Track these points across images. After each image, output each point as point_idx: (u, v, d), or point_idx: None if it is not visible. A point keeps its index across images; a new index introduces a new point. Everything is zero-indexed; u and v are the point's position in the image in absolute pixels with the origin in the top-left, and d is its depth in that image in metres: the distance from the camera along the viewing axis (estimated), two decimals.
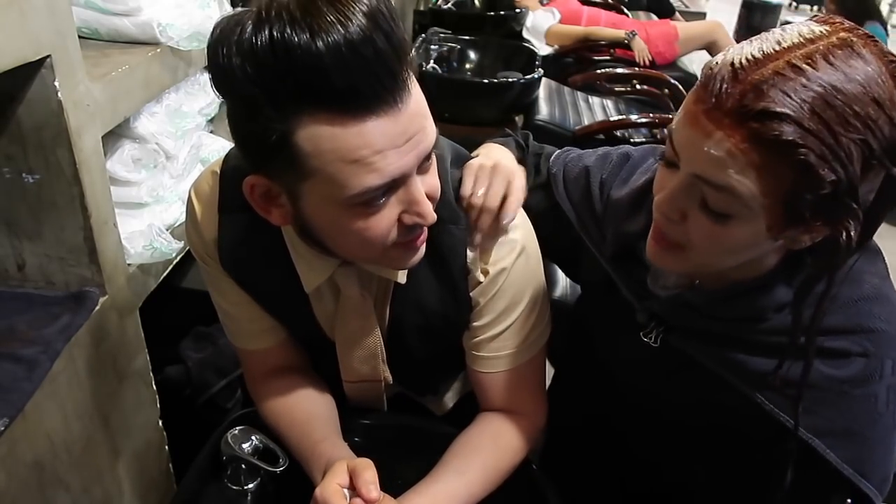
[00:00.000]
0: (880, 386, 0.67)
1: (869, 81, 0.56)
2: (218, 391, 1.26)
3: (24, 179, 0.80)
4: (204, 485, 0.87)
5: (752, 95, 0.56)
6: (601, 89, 2.94)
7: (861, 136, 0.55)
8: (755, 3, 5.44)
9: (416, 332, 0.85)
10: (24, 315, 0.83)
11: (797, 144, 0.55)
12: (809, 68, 0.55)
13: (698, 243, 0.64)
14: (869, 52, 0.57)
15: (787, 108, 0.54)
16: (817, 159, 0.55)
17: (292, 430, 0.86)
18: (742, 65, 0.57)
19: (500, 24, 3.18)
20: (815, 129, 0.55)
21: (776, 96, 0.55)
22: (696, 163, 0.60)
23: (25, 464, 0.77)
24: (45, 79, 0.74)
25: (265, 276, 0.81)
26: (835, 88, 0.55)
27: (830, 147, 0.55)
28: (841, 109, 0.55)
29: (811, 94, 0.55)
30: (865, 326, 0.67)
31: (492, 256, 0.79)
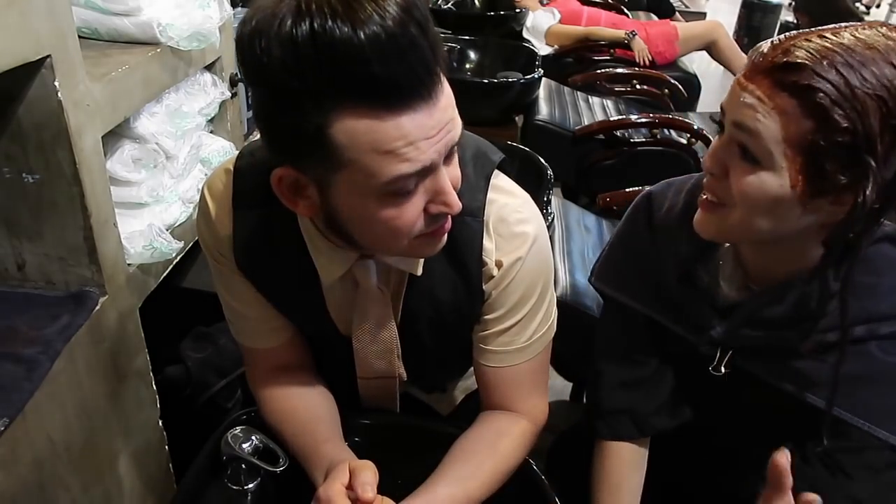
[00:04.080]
0: None
1: (889, 52, 0.61)
2: (218, 391, 1.26)
3: (24, 179, 0.80)
4: (204, 485, 0.87)
5: (781, 53, 0.64)
6: (601, 89, 2.94)
7: (877, 93, 0.60)
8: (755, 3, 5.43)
9: (428, 326, 0.85)
10: (24, 315, 0.83)
11: (813, 88, 0.61)
12: (834, 37, 0.63)
13: (737, 194, 0.68)
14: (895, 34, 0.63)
15: (807, 60, 0.62)
16: (832, 104, 0.61)
17: (295, 430, 0.86)
18: (781, 39, 0.66)
19: (500, 24, 3.18)
20: (833, 78, 0.61)
21: (799, 53, 0.63)
22: (734, 113, 0.67)
23: (25, 464, 0.77)
24: (45, 79, 0.74)
25: (279, 272, 0.81)
26: (855, 52, 0.61)
27: (845, 95, 0.60)
28: (858, 67, 0.61)
29: (833, 54, 0.62)
30: None
31: (506, 249, 0.80)
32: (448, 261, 0.79)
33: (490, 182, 0.80)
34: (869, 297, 0.71)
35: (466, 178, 0.78)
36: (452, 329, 0.86)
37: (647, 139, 2.37)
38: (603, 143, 2.37)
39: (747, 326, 0.78)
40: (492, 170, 0.81)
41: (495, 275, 0.80)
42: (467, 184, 0.78)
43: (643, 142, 2.37)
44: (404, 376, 0.92)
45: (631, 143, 2.36)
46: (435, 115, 0.60)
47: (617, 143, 2.36)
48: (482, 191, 0.79)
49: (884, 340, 0.71)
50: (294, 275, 0.81)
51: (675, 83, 2.90)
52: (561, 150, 2.31)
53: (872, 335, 0.71)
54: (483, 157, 0.81)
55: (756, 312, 0.76)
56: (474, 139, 0.84)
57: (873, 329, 0.71)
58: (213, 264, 0.86)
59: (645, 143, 2.37)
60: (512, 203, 0.81)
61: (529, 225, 0.81)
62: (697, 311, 0.81)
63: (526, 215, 0.81)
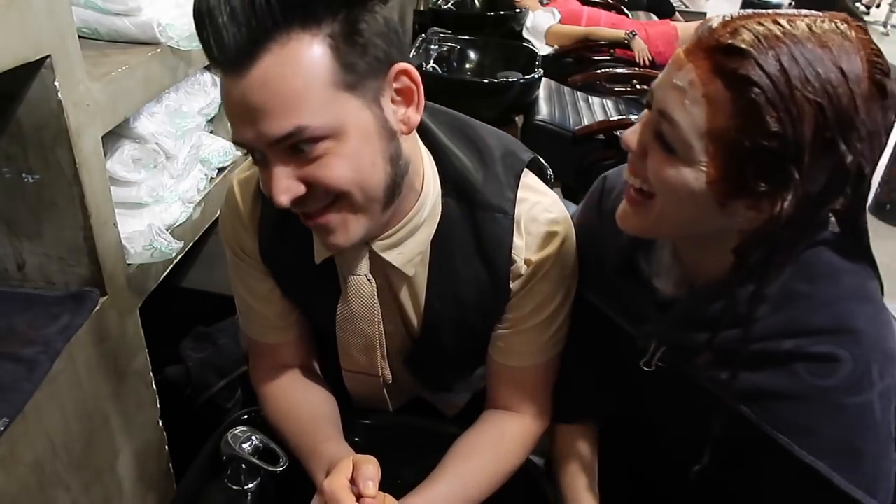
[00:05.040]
0: (872, 393, 0.64)
1: (841, 53, 0.56)
2: (218, 391, 1.26)
3: (24, 179, 0.80)
4: (204, 485, 0.87)
5: (728, 34, 0.58)
6: (601, 89, 2.93)
7: (817, 99, 0.56)
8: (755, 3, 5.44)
9: (450, 328, 0.84)
10: (24, 315, 0.83)
11: (751, 81, 0.56)
12: (789, 26, 0.57)
13: (654, 181, 0.64)
14: (854, 33, 0.58)
15: (752, 47, 0.56)
16: (766, 103, 0.56)
17: (295, 429, 0.86)
18: (734, 16, 0.60)
19: (500, 24, 3.18)
20: (773, 74, 0.56)
21: (747, 37, 0.57)
22: (662, 95, 0.62)
23: (25, 464, 0.77)
24: (45, 79, 0.74)
25: (299, 261, 0.82)
26: (805, 48, 0.56)
27: (783, 96, 0.56)
28: (803, 66, 0.56)
29: (781, 46, 0.56)
30: (849, 326, 0.64)
31: (537, 247, 0.80)
32: (475, 257, 0.79)
33: (521, 180, 0.80)
34: (801, 308, 0.65)
35: (495, 176, 0.78)
36: (474, 330, 0.86)
37: None
38: (603, 143, 2.37)
39: (679, 325, 0.73)
40: (522, 168, 0.81)
41: (523, 273, 0.80)
42: (496, 181, 0.78)
43: None
44: (389, 378, 0.91)
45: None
46: (240, 89, 0.59)
47: (617, 143, 2.35)
48: (512, 188, 0.79)
49: (812, 363, 0.65)
50: (313, 264, 0.81)
51: None
52: (561, 150, 2.31)
53: (801, 352, 0.65)
54: (512, 156, 0.81)
55: (689, 312, 0.72)
56: (503, 138, 0.84)
57: (802, 345, 0.65)
58: (234, 259, 0.87)
59: None
60: (543, 202, 0.81)
61: (560, 225, 0.81)
62: (636, 302, 0.78)
63: (556, 215, 0.81)
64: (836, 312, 0.65)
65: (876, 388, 0.64)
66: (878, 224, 3.56)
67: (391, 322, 0.86)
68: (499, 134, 0.84)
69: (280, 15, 0.56)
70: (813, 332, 0.65)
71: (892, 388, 0.64)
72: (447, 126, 0.81)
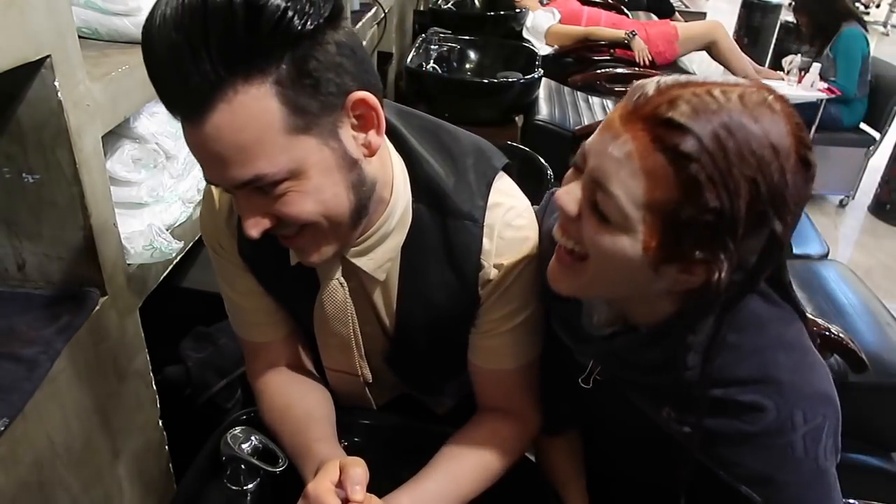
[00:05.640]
0: (795, 435, 0.66)
1: (772, 129, 0.58)
2: (218, 391, 1.26)
3: (24, 179, 0.80)
4: (204, 485, 0.87)
5: (666, 106, 0.58)
6: (601, 89, 2.94)
7: (752, 175, 0.57)
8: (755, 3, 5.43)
9: (423, 329, 0.85)
10: (24, 315, 0.83)
11: (692, 158, 0.57)
12: (723, 98, 0.58)
13: (589, 247, 0.65)
14: (780, 107, 0.59)
15: (693, 124, 0.57)
16: (706, 180, 0.57)
17: (288, 428, 0.86)
18: (668, 83, 0.60)
19: (500, 24, 3.19)
20: (713, 150, 0.57)
21: (686, 109, 0.57)
22: (598, 163, 0.63)
23: (25, 464, 0.77)
24: (45, 79, 0.74)
25: (278, 260, 0.82)
26: (740, 123, 0.57)
27: (722, 172, 0.57)
28: (741, 142, 0.57)
29: (718, 121, 0.57)
30: (773, 377, 0.67)
31: (507, 252, 0.80)
32: (445, 263, 0.79)
33: (492, 187, 0.80)
34: (729, 358, 0.67)
35: (466, 183, 0.78)
36: (447, 332, 0.86)
37: None
38: None
39: (608, 357, 0.77)
40: (494, 175, 0.81)
41: (492, 278, 0.80)
42: (467, 188, 0.78)
43: None
44: (369, 378, 0.92)
45: None
46: (198, 139, 0.60)
47: None
48: (483, 196, 0.79)
49: (739, 410, 0.68)
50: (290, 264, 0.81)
51: None
52: (561, 150, 2.31)
53: (730, 399, 0.68)
54: (485, 163, 0.81)
55: (621, 352, 0.74)
56: (476, 143, 0.84)
57: (730, 394, 0.67)
58: (215, 257, 0.87)
59: None
60: (516, 208, 0.81)
61: (532, 230, 0.81)
62: (575, 323, 0.80)
63: (528, 221, 0.82)
64: (761, 363, 0.68)
65: (799, 431, 0.67)
66: (878, 224, 3.56)
67: (368, 322, 0.87)
68: (473, 139, 0.84)
69: (222, 71, 0.56)
70: (740, 381, 0.68)
71: (821, 426, 0.67)
72: (420, 130, 0.81)
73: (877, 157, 3.54)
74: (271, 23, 0.55)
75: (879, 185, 3.60)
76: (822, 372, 0.70)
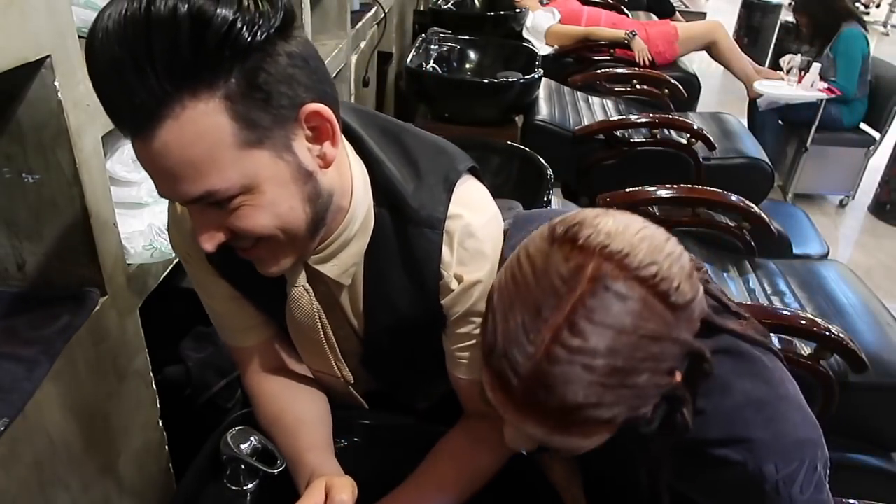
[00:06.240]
0: (766, 485, 0.67)
1: (637, 322, 0.57)
2: (218, 391, 1.26)
3: (24, 179, 0.80)
4: (203, 485, 0.87)
5: (543, 392, 0.58)
6: (601, 89, 2.94)
7: (653, 368, 0.59)
8: (755, 3, 5.43)
9: (388, 332, 0.84)
10: (24, 315, 0.83)
11: (605, 420, 0.59)
12: (578, 340, 0.57)
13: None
14: (623, 283, 0.57)
15: (581, 398, 0.57)
16: (630, 411, 0.60)
17: (281, 435, 0.86)
18: (518, 360, 0.59)
19: (500, 24, 3.19)
20: (615, 399, 0.58)
21: (565, 389, 0.57)
22: (519, 443, 0.68)
23: (25, 464, 0.77)
24: (45, 79, 0.74)
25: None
26: (611, 351, 0.57)
27: (635, 397, 0.59)
28: (628, 366, 0.57)
29: (595, 372, 0.57)
30: (740, 436, 0.67)
31: (467, 264, 0.77)
32: (405, 271, 0.77)
33: (454, 193, 0.76)
34: (697, 422, 0.68)
35: (427, 188, 0.75)
36: (414, 336, 0.84)
37: (647, 139, 2.37)
38: (603, 143, 2.37)
39: None
40: (457, 179, 0.77)
41: (455, 288, 0.77)
42: (427, 194, 0.75)
43: (643, 142, 2.37)
44: (350, 379, 0.90)
45: (631, 143, 2.36)
46: (147, 154, 0.58)
47: (617, 143, 2.36)
48: (444, 202, 0.76)
49: (709, 462, 0.69)
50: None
51: (675, 83, 2.90)
52: (561, 150, 2.32)
53: (700, 451, 0.69)
54: (448, 166, 0.78)
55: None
56: (439, 145, 0.81)
57: (704, 449, 0.69)
58: (188, 267, 0.86)
59: (645, 143, 2.37)
60: (478, 219, 0.78)
61: (490, 244, 0.78)
62: None
63: (491, 233, 0.79)
64: (728, 424, 0.68)
65: (770, 481, 0.67)
66: (878, 224, 3.56)
67: (341, 326, 0.85)
68: (436, 142, 0.81)
69: (168, 87, 0.53)
70: (709, 443, 0.69)
71: (796, 470, 0.67)
72: (379, 132, 0.79)
73: (877, 157, 3.54)
74: (219, 36, 0.52)
75: (879, 185, 3.60)
76: (798, 417, 0.69)
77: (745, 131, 2.71)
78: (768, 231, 1.81)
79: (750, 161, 2.43)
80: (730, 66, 3.68)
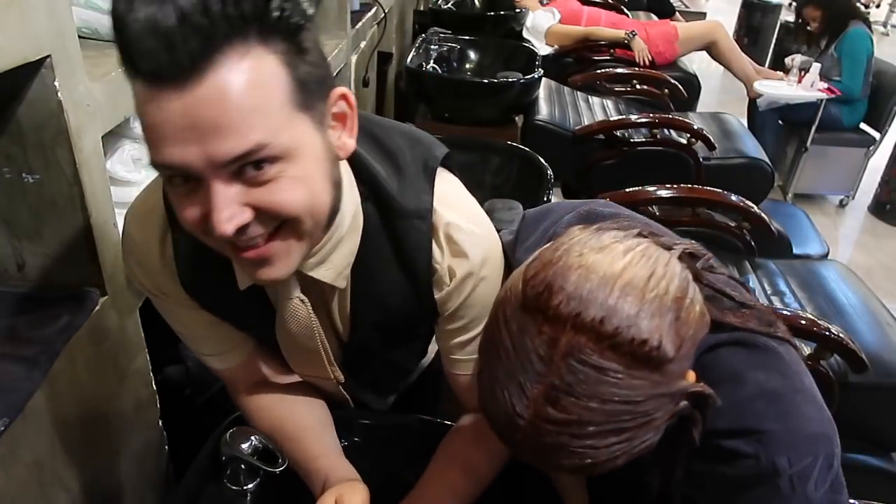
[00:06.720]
0: (780, 480, 0.65)
1: (619, 391, 0.56)
2: (218, 391, 1.26)
3: (24, 179, 0.80)
4: (204, 485, 0.87)
5: (539, 455, 0.60)
6: (601, 89, 2.94)
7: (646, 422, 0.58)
8: (755, 3, 5.44)
9: (375, 328, 0.82)
10: (24, 315, 0.83)
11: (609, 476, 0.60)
12: (562, 415, 0.57)
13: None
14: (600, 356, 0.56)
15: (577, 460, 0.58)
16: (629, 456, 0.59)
17: (286, 446, 0.86)
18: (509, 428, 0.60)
19: (500, 24, 3.19)
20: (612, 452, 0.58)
21: (558, 455, 0.58)
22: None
23: (25, 463, 0.77)
24: (45, 79, 0.74)
25: (226, 286, 0.76)
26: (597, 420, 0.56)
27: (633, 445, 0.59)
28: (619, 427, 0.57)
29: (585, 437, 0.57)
30: (752, 428, 0.65)
31: (458, 256, 0.75)
32: (397, 265, 0.76)
33: (435, 182, 0.74)
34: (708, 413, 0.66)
35: (409, 180, 0.74)
36: (399, 334, 0.83)
37: (647, 139, 2.37)
38: (603, 143, 2.37)
39: None
40: (435, 167, 0.75)
41: (448, 283, 0.76)
42: (410, 186, 0.74)
43: (643, 142, 2.37)
44: (341, 379, 0.89)
45: (631, 143, 2.36)
46: (186, 105, 0.52)
47: (617, 143, 2.36)
48: (427, 192, 0.74)
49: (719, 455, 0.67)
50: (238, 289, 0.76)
51: (675, 83, 2.90)
52: (561, 150, 2.32)
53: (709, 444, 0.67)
54: (426, 155, 0.76)
55: None
56: (410, 135, 0.78)
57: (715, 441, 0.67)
58: (159, 303, 0.82)
59: (645, 143, 2.37)
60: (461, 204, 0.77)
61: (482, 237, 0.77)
62: None
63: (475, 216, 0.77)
64: (740, 416, 0.66)
65: (784, 475, 0.65)
66: (878, 224, 3.56)
67: (325, 330, 0.83)
68: (407, 131, 0.78)
69: (239, 21, 0.51)
70: (719, 434, 0.67)
71: (810, 465, 0.65)
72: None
73: (877, 157, 3.54)
74: None
75: (879, 185, 3.61)
76: (813, 411, 0.67)
77: (745, 131, 2.71)
78: (768, 231, 1.81)
79: (750, 161, 2.43)
80: (730, 66, 3.68)
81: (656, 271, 0.58)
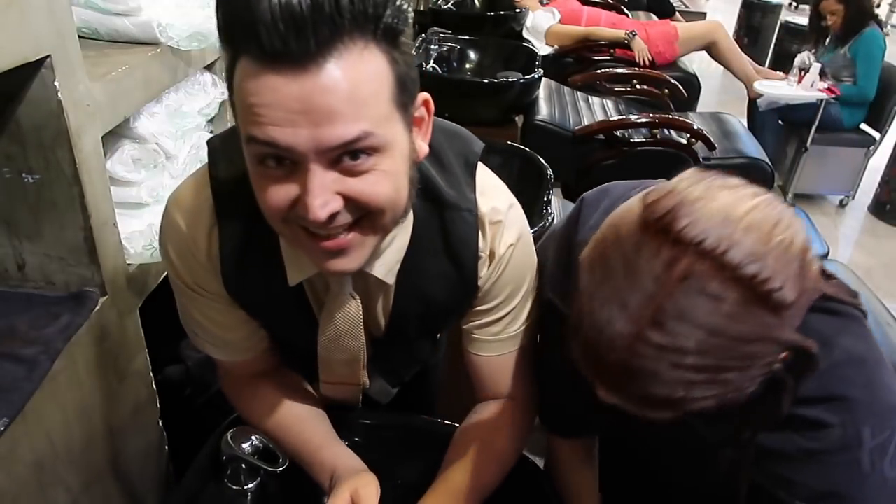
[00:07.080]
0: (861, 451, 0.63)
1: (731, 324, 0.53)
2: (218, 391, 1.26)
3: (24, 179, 0.80)
4: (204, 485, 0.87)
5: (628, 382, 0.56)
6: (601, 89, 2.94)
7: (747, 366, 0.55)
8: (755, 3, 5.44)
9: (412, 321, 0.84)
10: (24, 315, 0.83)
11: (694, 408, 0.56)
12: (667, 339, 0.53)
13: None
14: (719, 284, 0.53)
15: (667, 392, 0.55)
16: (719, 402, 0.56)
17: (285, 437, 0.86)
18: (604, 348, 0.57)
19: (500, 24, 3.18)
20: (703, 392, 0.55)
21: (651, 383, 0.55)
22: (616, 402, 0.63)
23: (25, 464, 0.77)
24: (45, 79, 0.74)
25: (268, 285, 0.77)
26: (701, 351, 0.53)
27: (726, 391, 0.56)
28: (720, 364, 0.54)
29: (682, 369, 0.54)
30: (839, 394, 0.64)
31: (498, 238, 0.79)
32: (445, 257, 0.78)
33: (476, 173, 0.78)
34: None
35: (454, 174, 0.77)
36: (434, 324, 0.86)
37: (647, 139, 2.37)
38: (603, 143, 2.37)
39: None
40: (475, 161, 0.79)
41: (488, 266, 0.80)
42: (455, 179, 0.77)
43: (643, 142, 2.37)
44: (367, 384, 0.90)
45: (631, 143, 2.36)
46: (302, 88, 0.54)
47: (617, 143, 2.37)
48: (471, 185, 0.78)
49: (802, 427, 0.65)
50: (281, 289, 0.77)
51: (675, 83, 2.90)
52: (561, 150, 2.32)
53: (792, 414, 0.64)
54: (466, 150, 0.79)
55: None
56: (447, 129, 0.80)
57: (793, 409, 0.64)
58: (192, 296, 0.80)
59: (645, 143, 2.37)
60: (497, 192, 0.80)
61: (515, 211, 0.81)
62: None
63: (511, 202, 0.81)
64: (827, 381, 0.64)
65: (866, 447, 0.63)
66: (878, 224, 3.56)
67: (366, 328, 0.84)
68: (443, 126, 0.80)
69: (363, 17, 0.55)
70: (804, 400, 0.64)
71: (888, 439, 0.64)
72: None
73: (877, 158, 3.54)
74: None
75: (879, 186, 3.61)
76: (894, 382, 0.66)
77: (745, 131, 2.71)
78: None
79: (750, 161, 2.43)
80: (730, 66, 3.68)
81: (783, 220, 0.55)
